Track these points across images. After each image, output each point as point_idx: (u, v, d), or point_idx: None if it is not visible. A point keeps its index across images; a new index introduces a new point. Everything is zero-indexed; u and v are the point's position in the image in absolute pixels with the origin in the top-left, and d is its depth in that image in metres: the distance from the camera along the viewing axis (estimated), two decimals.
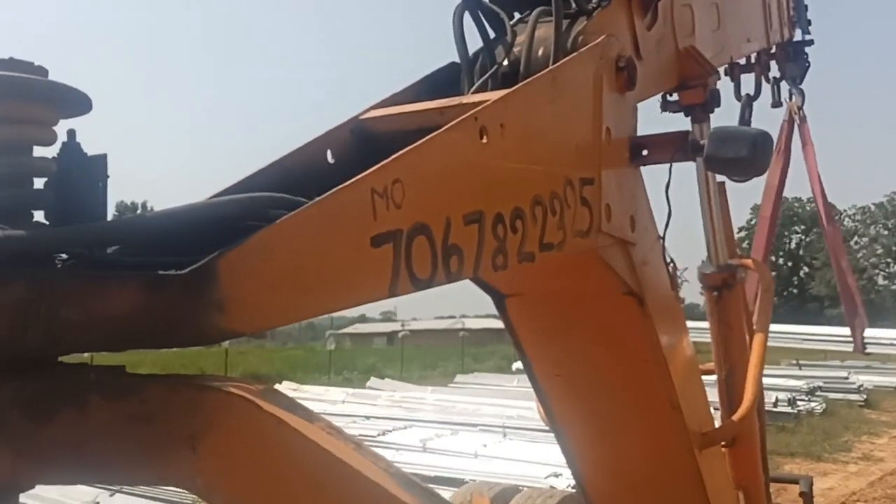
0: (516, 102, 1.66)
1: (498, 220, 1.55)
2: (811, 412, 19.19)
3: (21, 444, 0.95)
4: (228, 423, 1.02)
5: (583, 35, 2.04)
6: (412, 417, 15.62)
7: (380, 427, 14.38)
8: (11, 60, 0.97)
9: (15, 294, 0.92)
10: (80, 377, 1.00)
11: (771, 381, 19.21)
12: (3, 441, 0.94)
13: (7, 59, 0.96)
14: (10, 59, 0.97)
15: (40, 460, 0.96)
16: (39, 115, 1.00)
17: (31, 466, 0.95)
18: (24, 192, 1.00)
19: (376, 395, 19.94)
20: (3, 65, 0.96)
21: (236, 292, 1.02)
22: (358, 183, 1.24)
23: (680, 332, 2.59)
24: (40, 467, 0.96)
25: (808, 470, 13.21)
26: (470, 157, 1.50)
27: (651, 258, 2.34)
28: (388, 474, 1.16)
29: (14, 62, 0.97)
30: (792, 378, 22.18)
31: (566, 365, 2.56)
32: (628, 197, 2.14)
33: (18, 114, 0.98)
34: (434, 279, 1.38)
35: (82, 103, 1.05)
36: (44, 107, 1.00)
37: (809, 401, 19.97)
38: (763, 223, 5.65)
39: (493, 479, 9.80)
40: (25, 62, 0.98)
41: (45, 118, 1.01)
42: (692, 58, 2.77)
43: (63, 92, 1.01)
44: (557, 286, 2.34)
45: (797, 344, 26.54)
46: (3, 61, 0.96)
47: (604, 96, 1.99)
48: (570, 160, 1.86)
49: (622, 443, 2.65)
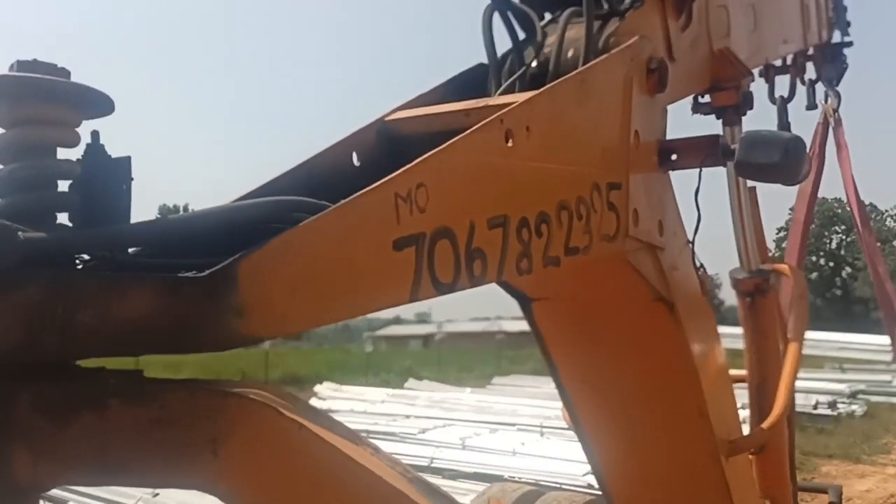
0: (543, 105, 1.64)
1: (523, 224, 1.53)
2: (851, 415, 18.82)
3: (42, 446, 0.95)
4: (250, 428, 1.02)
5: (614, 36, 2.02)
6: (451, 417, 15.79)
7: (419, 426, 14.60)
8: (35, 62, 0.97)
9: (31, 296, 0.92)
10: (100, 381, 1.01)
11: (812, 384, 18.98)
12: (24, 443, 0.94)
13: (30, 60, 0.97)
14: (33, 60, 0.97)
15: (61, 463, 0.96)
16: (62, 117, 1.00)
17: (52, 468, 0.96)
18: (48, 194, 1.00)
19: (415, 395, 20.18)
20: (26, 66, 0.96)
21: (256, 297, 1.01)
22: (381, 187, 1.23)
23: (711, 338, 2.55)
24: (61, 469, 0.97)
25: (846, 472, 13.03)
26: (495, 160, 1.48)
27: (680, 263, 2.30)
28: (407, 479, 1.16)
29: (37, 64, 0.97)
30: (834, 382, 21.77)
31: (593, 370, 2.53)
32: (656, 201, 2.11)
33: (42, 115, 0.98)
34: (457, 284, 1.36)
35: (105, 105, 1.05)
36: (67, 108, 1.00)
37: (850, 403, 19.59)
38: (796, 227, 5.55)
39: (530, 476, 9.90)
40: (48, 64, 0.98)
41: (68, 120, 1.01)
42: (726, 59, 2.71)
43: (85, 93, 1.01)
44: (585, 291, 2.31)
45: (838, 352, 26.14)
46: (26, 63, 0.97)
47: (633, 99, 1.96)
48: (597, 164, 1.83)
49: (648, 449, 2.61)
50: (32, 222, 0.97)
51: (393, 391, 21.05)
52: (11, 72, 0.97)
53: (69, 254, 0.99)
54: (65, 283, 0.94)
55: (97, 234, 1.01)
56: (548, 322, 2.43)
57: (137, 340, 0.96)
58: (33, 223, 0.97)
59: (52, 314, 0.92)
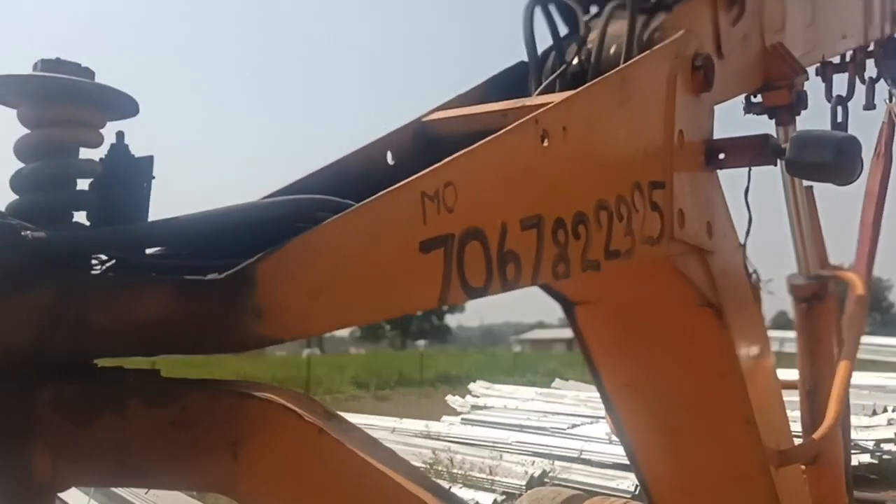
0: (581, 105, 1.60)
1: (558, 225, 1.49)
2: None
3: (61, 446, 0.95)
4: (270, 431, 1.01)
5: (659, 31, 1.95)
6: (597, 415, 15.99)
7: (568, 422, 15.08)
8: (58, 61, 0.97)
9: (43, 297, 0.92)
10: (120, 381, 1.01)
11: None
12: (43, 443, 0.95)
13: (54, 59, 0.97)
14: (56, 59, 0.97)
15: (80, 463, 0.96)
16: (86, 118, 1.00)
17: (71, 468, 0.96)
18: (65, 193, 1.00)
19: (562, 394, 20.66)
20: (50, 66, 0.96)
21: (274, 298, 1.00)
22: (407, 186, 1.20)
23: (760, 345, 2.46)
24: (80, 470, 0.97)
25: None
26: (529, 160, 1.45)
27: (731, 267, 2.23)
28: (424, 486, 1.14)
29: (61, 63, 0.97)
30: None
31: (637, 376, 2.47)
32: (704, 202, 2.04)
33: (66, 116, 0.98)
34: (489, 287, 1.33)
35: (129, 106, 1.04)
36: (91, 109, 1.00)
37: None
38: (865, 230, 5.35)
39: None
40: (72, 63, 0.98)
41: (92, 120, 1.01)
42: (779, 56, 2.62)
43: (110, 94, 1.00)
44: (629, 295, 2.26)
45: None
46: (50, 62, 0.96)
47: (678, 97, 1.90)
48: (638, 164, 1.78)
49: (693, 458, 2.54)
50: (49, 221, 0.97)
51: (541, 390, 21.60)
52: (36, 71, 0.97)
53: (81, 253, 0.99)
54: (77, 284, 0.94)
55: (110, 232, 1.01)
56: (591, 326, 2.38)
57: (153, 341, 0.95)
58: (50, 222, 0.97)
59: (63, 314, 0.92)
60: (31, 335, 0.91)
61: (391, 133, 1.72)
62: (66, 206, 1.00)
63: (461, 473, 11.58)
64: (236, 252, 1.01)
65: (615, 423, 2.63)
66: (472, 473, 11.57)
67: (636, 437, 2.63)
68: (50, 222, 0.97)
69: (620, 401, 2.54)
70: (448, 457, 12.40)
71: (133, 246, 1.03)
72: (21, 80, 0.95)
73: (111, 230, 1.02)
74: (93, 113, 1.00)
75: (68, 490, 0.96)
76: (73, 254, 0.98)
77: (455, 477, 11.44)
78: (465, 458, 12.33)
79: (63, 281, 0.93)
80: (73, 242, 0.98)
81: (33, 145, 0.98)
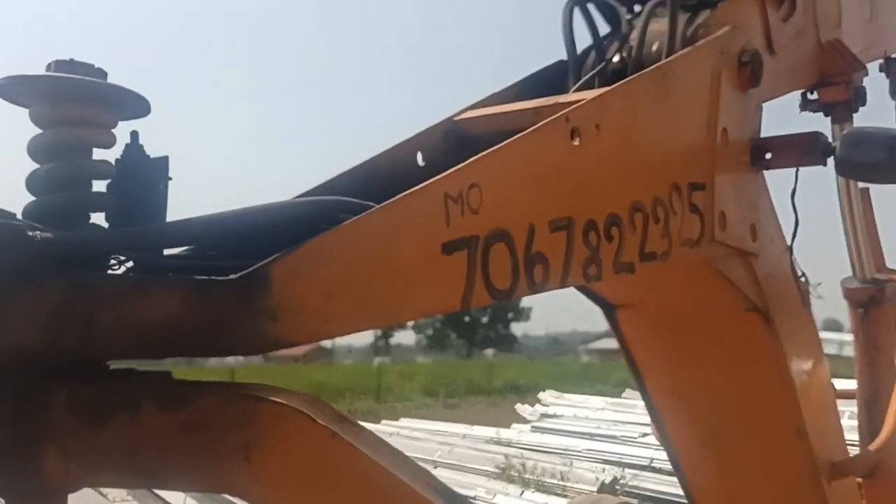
0: (616, 101, 1.55)
1: (590, 227, 1.45)
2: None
3: (74, 447, 0.95)
4: (282, 435, 1.00)
5: (703, 28, 1.89)
6: None
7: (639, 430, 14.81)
8: (72, 62, 0.97)
9: (52, 296, 0.92)
10: (133, 383, 1.00)
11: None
12: (56, 443, 0.95)
13: (67, 60, 0.97)
14: (70, 60, 0.97)
15: (93, 464, 0.96)
16: (99, 118, 1.00)
17: (84, 469, 0.96)
18: (81, 194, 1.00)
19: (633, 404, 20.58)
20: (64, 66, 0.97)
21: (290, 300, 0.98)
22: (429, 187, 1.17)
23: (811, 351, 2.37)
24: (92, 471, 0.97)
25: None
26: (558, 160, 1.40)
27: (778, 271, 2.14)
28: (437, 490, 1.12)
29: (74, 64, 0.97)
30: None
31: (682, 382, 2.40)
32: (748, 204, 1.97)
33: (78, 116, 0.98)
34: (515, 289, 1.29)
35: (141, 106, 1.04)
36: (103, 109, 1.00)
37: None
38: None
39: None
40: (85, 64, 0.98)
41: (105, 121, 1.01)
42: (836, 52, 2.52)
43: (122, 95, 1.00)
44: (671, 298, 2.19)
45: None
46: (64, 63, 0.97)
47: (722, 94, 1.83)
48: (678, 163, 1.72)
49: (741, 468, 2.45)
50: (65, 222, 0.97)
51: (611, 400, 21.41)
52: (49, 72, 0.97)
53: (97, 254, 0.99)
54: (86, 284, 0.93)
55: (126, 233, 1.01)
56: (633, 329, 2.32)
57: (164, 343, 0.94)
58: (66, 223, 0.97)
59: (72, 314, 0.92)
60: (39, 334, 0.91)
61: (421, 133, 1.69)
62: (82, 208, 1.01)
63: (533, 479, 11.68)
64: (256, 254, 0.99)
65: (660, 431, 2.56)
66: (544, 479, 11.64)
67: (681, 445, 2.56)
68: (67, 224, 0.97)
69: (666, 408, 2.47)
70: (520, 462, 12.48)
71: (150, 247, 1.03)
72: (32, 80, 0.96)
73: (127, 231, 1.02)
74: (104, 113, 1.00)
75: (80, 490, 0.96)
76: (88, 255, 0.98)
77: (527, 482, 11.53)
78: (536, 464, 12.39)
79: (73, 281, 0.93)
80: (88, 243, 0.98)
81: (46, 145, 0.99)
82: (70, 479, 0.95)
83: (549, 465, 12.20)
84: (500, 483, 11.49)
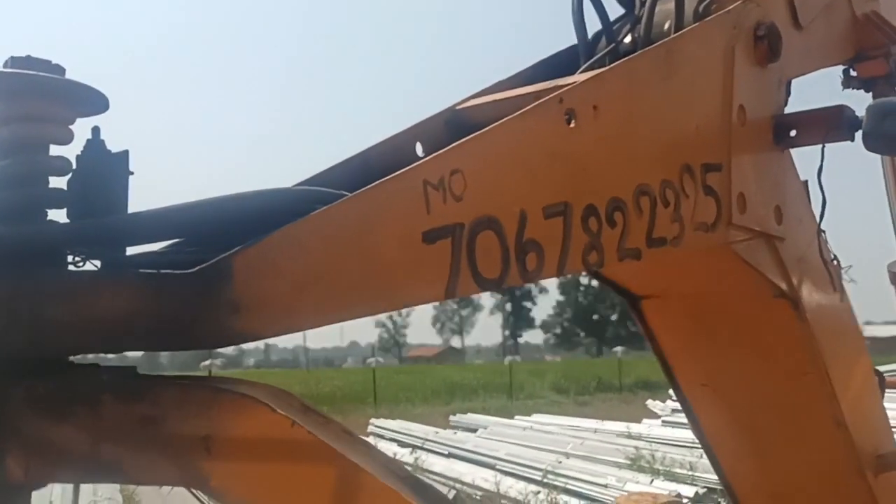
0: (616, 81, 1.49)
1: (590, 212, 1.39)
2: None
3: (34, 443, 0.95)
4: (242, 425, 0.98)
5: (716, 3, 1.81)
6: None
7: None
8: (29, 59, 0.97)
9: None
10: (93, 377, 0.99)
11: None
12: (16, 441, 0.94)
13: (24, 57, 0.96)
14: (27, 57, 0.96)
15: (54, 460, 0.96)
16: (56, 114, 0.99)
17: (44, 466, 0.95)
18: (37, 190, 0.99)
19: None
20: (21, 63, 0.96)
21: (253, 292, 0.96)
22: (406, 174, 1.14)
23: (848, 339, 2.26)
24: (53, 467, 0.96)
25: None
26: (552, 143, 1.35)
27: (807, 255, 2.04)
28: (400, 478, 1.07)
29: (31, 60, 0.97)
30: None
31: (713, 373, 2.31)
32: (771, 184, 1.87)
33: (35, 112, 0.98)
34: (505, 278, 1.25)
35: (99, 102, 1.03)
36: (60, 105, 0.99)
37: None
38: None
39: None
40: (43, 60, 0.98)
41: (62, 117, 1.00)
42: (873, 25, 2.40)
43: (79, 90, 0.99)
44: (696, 287, 2.11)
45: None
46: (21, 59, 0.96)
47: (737, 70, 1.75)
48: (688, 144, 1.64)
49: (780, 462, 2.35)
50: (21, 218, 0.97)
51: None
52: (6, 68, 0.97)
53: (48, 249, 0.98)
54: (31, 279, 0.92)
55: (80, 227, 1.00)
56: (659, 320, 2.24)
57: (118, 337, 0.93)
58: (22, 219, 0.97)
59: (16, 309, 0.91)
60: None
61: (421, 122, 1.65)
62: (39, 204, 1.00)
63: (663, 469, 11.79)
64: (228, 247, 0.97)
65: (693, 424, 2.47)
66: (674, 469, 11.68)
67: (717, 438, 2.46)
68: (23, 219, 0.97)
69: (698, 400, 2.38)
70: (650, 454, 12.63)
71: (106, 240, 1.01)
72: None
73: (81, 224, 1.01)
74: (61, 109, 1.00)
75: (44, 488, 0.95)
76: (40, 250, 0.97)
77: (657, 472, 11.67)
78: (665, 455, 12.46)
79: (16, 276, 0.92)
80: (38, 238, 0.98)
81: (1, 142, 0.98)
82: (31, 476, 0.95)
83: (679, 456, 12.16)
84: (630, 472, 11.62)
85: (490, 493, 12.07)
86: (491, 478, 12.51)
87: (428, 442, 17.10)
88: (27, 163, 0.98)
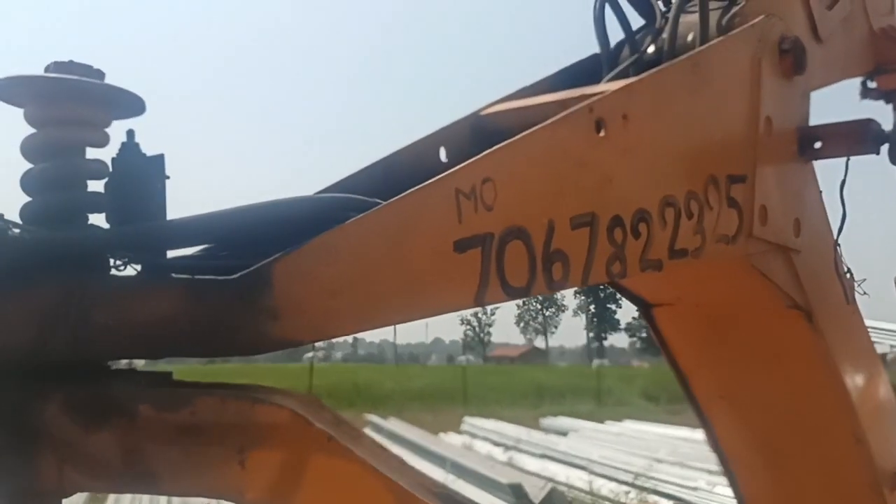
0: (645, 91, 1.48)
1: (615, 223, 1.39)
2: None
3: (69, 451, 0.95)
4: (278, 438, 0.98)
5: (739, 17, 1.81)
6: None
7: None
8: (71, 63, 0.97)
9: (43, 296, 0.91)
10: (130, 384, 0.99)
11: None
12: (51, 448, 0.94)
13: (66, 61, 0.97)
14: (69, 61, 0.97)
15: (87, 469, 0.95)
16: (92, 117, 1.00)
17: (78, 474, 0.95)
18: (77, 194, 1.00)
19: None
20: (62, 68, 0.97)
21: (292, 299, 0.96)
22: (439, 182, 1.14)
23: (862, 352, 2.24)
24: (87, 475, 0.96)
25: None
26: (581, 152, 1.35)
27: (822, 268, 2.03)
28: (434, 493, 1.07)
29: (73, 65, 0.97)
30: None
31: (730, 386, 2.30)
32: (792, 197, 1.87)
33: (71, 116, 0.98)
34: (532, 287, 1.25)
35: (136, 105, 1.03)
36: (96, 109, 1.00)
37: None
38: None
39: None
40: (83, 65, 0.98)
41: (98, 120, 1.01)
42: (891, 39, 2.40)
43: (116, 94, 1.00)
44: (710, 296, 2.10)
45: None
46: (63, 64, 0.97)
47: (764, 82, 1.75)
48: (715, 155, 1.64)
49: (796, 477, 2.34)
50: (64, 223, 0.97)
51: None
52: (48, 73, 0.97)
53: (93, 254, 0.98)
54: (78, 285, 0.93)
55: (123, 232, 1.00)
56: (673, 329, 2.23)
57: (159, 342, 0.93)
58: (64, 223, 0.97)
59: (64, 314, 0.91)
60: (30, 334, 0.91)
61: (445, 128, 1.65)
62: (78, 207, 1.00)
63: None
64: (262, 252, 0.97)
65: (709, 435, 2.46)
66: None
67: (732, 451, 2.45)
68: (65, 224, 0.97)
69: (713, 413, 2.37)
70: None
71: (150, 245, 1.02)
72: (26, 80, 0.96)
73: (126, 230, 1.01)
74: (97, 112, 1.00)
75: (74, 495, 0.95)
76: (85, 255, 0.97)
77: None
78: None
79: (65, 281, 0.92)
80: (84, 243, 0.98)
81: (39, 145, 0.99)
82: (64, 484, 0.95)
83: None
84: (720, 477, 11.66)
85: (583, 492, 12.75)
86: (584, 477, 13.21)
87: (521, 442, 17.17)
88: (64, 166, 0.98)
